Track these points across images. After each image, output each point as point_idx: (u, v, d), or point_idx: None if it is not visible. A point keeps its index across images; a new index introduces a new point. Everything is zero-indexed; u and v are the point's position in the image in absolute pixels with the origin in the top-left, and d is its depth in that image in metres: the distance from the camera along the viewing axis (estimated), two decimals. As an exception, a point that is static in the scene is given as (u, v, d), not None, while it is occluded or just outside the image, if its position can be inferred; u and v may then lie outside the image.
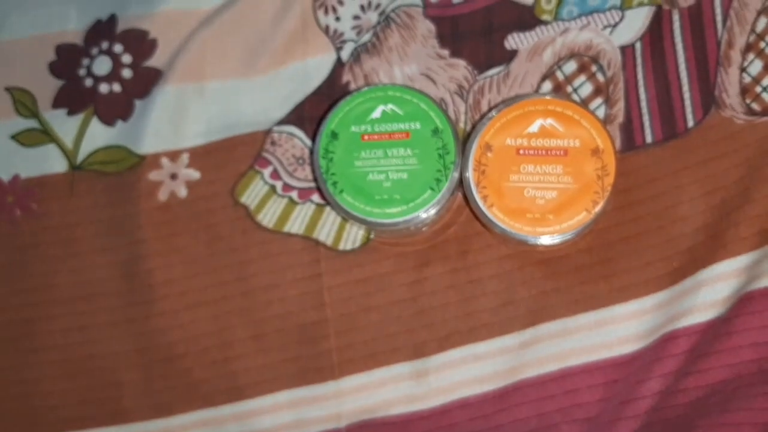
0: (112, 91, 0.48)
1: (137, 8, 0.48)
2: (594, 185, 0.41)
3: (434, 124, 0.43)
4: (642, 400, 0.42)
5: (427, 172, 0.42)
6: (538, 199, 0.41)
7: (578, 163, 0.41)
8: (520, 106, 0.42)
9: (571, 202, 0.41)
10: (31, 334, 0.47)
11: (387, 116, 0.43)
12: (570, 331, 0.44)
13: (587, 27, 0.46)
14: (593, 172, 0.41)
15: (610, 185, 0.41)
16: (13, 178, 0.48)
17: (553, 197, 0.41)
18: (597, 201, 0.41)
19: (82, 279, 0.47)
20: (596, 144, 0.41)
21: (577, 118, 0.41)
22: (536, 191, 0.41)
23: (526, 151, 0.41)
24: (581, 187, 0.41)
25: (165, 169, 0.47)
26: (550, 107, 0.42)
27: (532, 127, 0.42)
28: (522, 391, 0.44)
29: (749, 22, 0.44)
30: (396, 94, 0.43)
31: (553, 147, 0.41)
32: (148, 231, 0.47)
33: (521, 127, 0.42)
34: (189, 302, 0.46)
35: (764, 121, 0.43)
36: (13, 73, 0.49)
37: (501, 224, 0.41)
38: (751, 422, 0.40)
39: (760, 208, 0.42)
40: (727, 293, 0.42)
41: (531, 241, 0.41)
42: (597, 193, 0.41)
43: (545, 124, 0.42)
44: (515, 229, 0.41)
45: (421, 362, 0.45)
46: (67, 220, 0.48)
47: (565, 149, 0.41)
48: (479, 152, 0.42)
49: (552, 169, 0.41)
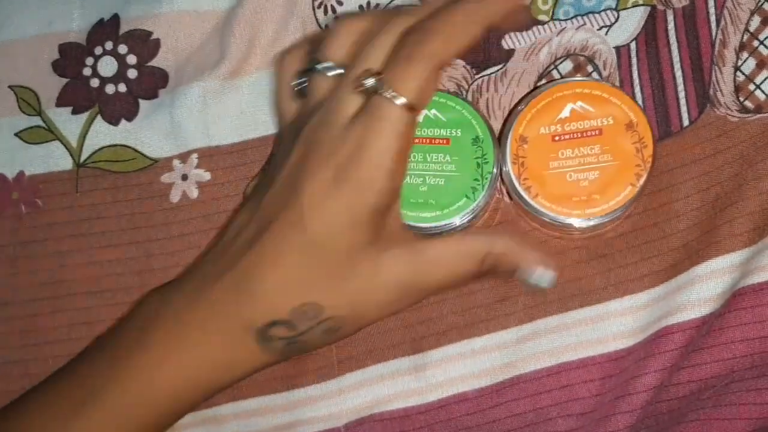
0: (117, 91, 0.49)
1: (140, 9, 0.49)
2: (634, 158, 0.41)
3: (475, 133, 0.43)
4: (637, 395, 0.42)
5: (464, 180, 0.42)
6: (582, 182, 0.41)
7: (615, 139, 0.41)
8: (547, 94, 0.42)
9: (615, 179, 0.41)
10: (38, 330, 0.47)
11: (429, 121, 0.43)
12: (566, 327, 0.44)
13: (583, 27, 0.46)
14: (631, 146, 0.41)
15: (650, 156, 0.41)
16: (18, 174, 0.49)
17: (596, 177, 0.41)
18: (640, 174, 0.41)
19: (89, 275, 0.48)
20: (630, 118, 0.41)
21: (606, 96, 0.42)
22: (578, 174, 0.41)
23: (561, 137, 0.42)
24: (622, 162, 0.41)
25: (176, 171, 0.48)
26: (578, 90, 0.42)
27: (563, 112, 0.42)
28: (519, 386, 0.44)
29: (743, 22, 0.45)
30: (440, 100, 0.43)
31: (587, 128, 0.42)
32: (159, 230, 0.47)
33: (552, 115, 0.42)
34: None
35: (757, 119, 0.44)
36: (16, 71, 0.49)
37: (549, 212, 0.41)
38: (744, 417, 0.40)
39: (753, 205, 0.43)
40: (722, 289, 0.42)
41: (579, 225, 0.41)
42: (639, 165, 0.41)
43: (575, 108, 0.42)
44: (564, 215, 0.41)
45: (419, 357, 0.45)
46: (72, 217, 0.48)
47: (599, 128, 0.42)
48: (515, 145, 0.42)
49: (590, 150, 0.41)
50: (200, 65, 0.48)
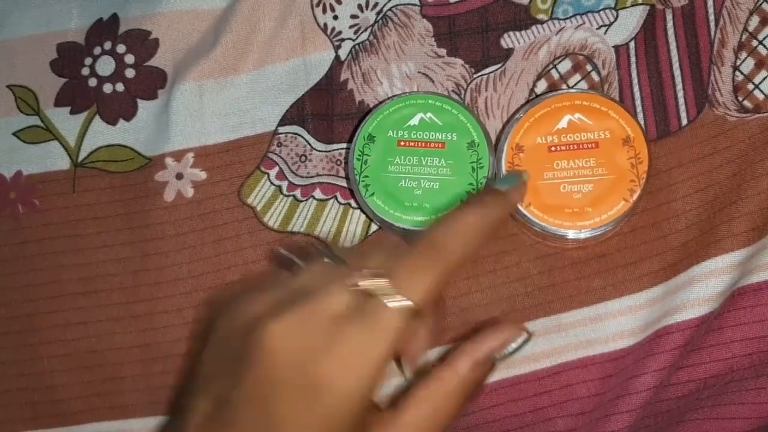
0: (115, 91, 0.49)
1: (138, 8, 0.49)
2: (629, 174, 0.41)
3: (471, 137, 0.43)
4: (636, 395, 0.43)
5: (459, 185, 0.42)
6: (575, 194, 0.41)
7: (610, 153, 0.41)
8: (546, 104, 0.42)
9: (608, 193, 0.41)
10: (33, 329, 0.47)
11: (425, 124, 0.43)
12: (565, 327, 0.44)
13: (582, 26, 0.46)
14: (627, 161, 0.41)
15: (644, 172, 0.41)
16: (16, 174, 0.49)
17: (589, 190, 0.41)
18: (634, 189, 0.41)
19: (85, 275, 0.47)
20: (626, 133, 0.41)
21: (605, 110, 0.42)
22: (572, 186, 0.41)
23: (557, 148, 0.42)
24: (617, 177, 0.41)
25: (170, 169, 0.48)
26: (577, 102, 0.42)
27: (561, 123, 0.42)
28: (518, 386, 0.44)
29: (742, 21, 0.45)
30: (436, 103, 0.43)
31: (583, 141, 0.42)
32: (155, 230, 0.47)
33: (550, 125, 0.42)
34: (194, 301, 0.47)
35: (756, 119, 0.44)
36: (14, 71, 0.50)
37: (540, 222, 0.41)
38: (743, 416, 0.40)
39: (752, 205, 0.43)
40: (721, 289, 0.42)
41: (571, 236, 0.41)
42: (633, 181, 0.41)
43: (573, 119, 0.42)
44: (555, 226, 0.41)
45: (420, 357, 0.45)
46: (69, 217, 0.48)
47: (595, 142, 0.42)
48: (511, 154, 0.42)
49: (585, 163, 0.41)
50: (197, 63, 0.48)
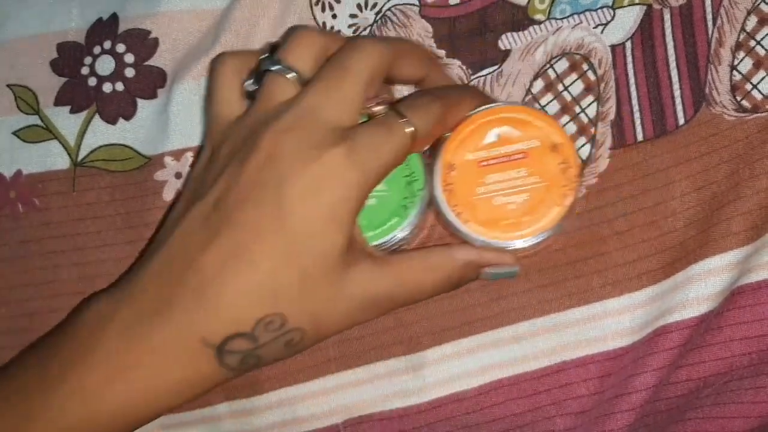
0: (115, 90, 0.49)
1: (139, 8, 0.49)
2: (560, 179, 0.42)
3: None
4: (636, 394, 0.42)
5: (394, 199, 0.42)
6: (509, 205, 0.42)
7: (540, 161, 0.42)
8: (471, 120, 0.43)
9: (542, 200, 0.42)
10: (33, 328, 0.47)
11: None
12: (564, 325, 0.44)
13: (579, 26, 0.46)
14: (556, 167, 0.42)
15: (575, 176, 0.42)
16: (15, 173, 0.49)
17: (525, 199, 0.42)
18: (566, 194, 0.41)
19: (84, 274, 0.47)
20: (554, 140, 0.42)
21: (530, 120, 0.42)
22: (505, 197, 0.42)
23: (488, 162, 0.42)
24: (549, 184, 0.42)
25: (169, 168, 0.48)
26: (503, 114, 0.42)
27: (488, 137, 0.42)
28: (517, 385, 0.44)
29: (739, 21, 0.45)
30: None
31: (512, 152, 0.42)
32: (152, 229, 0.47)
33: (478, 141, 0.42)
34: None
35: (754, 118, 0.44)
36: (14, 70, 0.50)
37: (479, 236, 0.42)
38: (743, 415, 0.40)
39: (750, 204, 0.43)
40: (719, 288, 0.42)
41: (511, 247, 0.42)
42: (564, 186, 0.42)
43: (501, 132, 0.42)
44: (494, 239, 0.42)
45: (415, 357, 0.45)
46: (69, 216, 0.48)
47: (524, 152, 0.42)
48: (444, 172, 0.42)
49: (516, 173, 0.42)
50: (197, 63, 0.48)
